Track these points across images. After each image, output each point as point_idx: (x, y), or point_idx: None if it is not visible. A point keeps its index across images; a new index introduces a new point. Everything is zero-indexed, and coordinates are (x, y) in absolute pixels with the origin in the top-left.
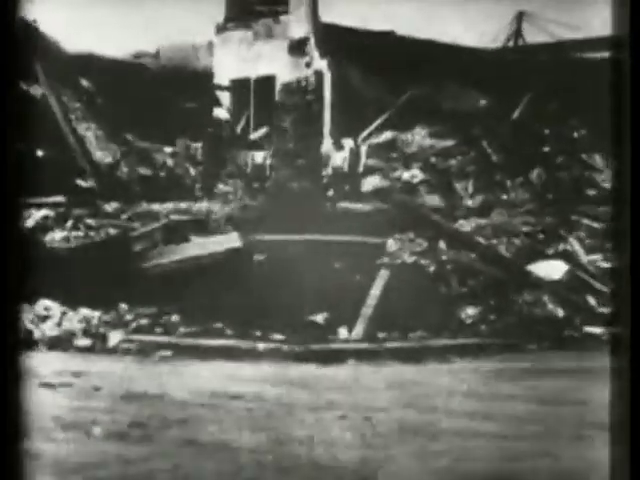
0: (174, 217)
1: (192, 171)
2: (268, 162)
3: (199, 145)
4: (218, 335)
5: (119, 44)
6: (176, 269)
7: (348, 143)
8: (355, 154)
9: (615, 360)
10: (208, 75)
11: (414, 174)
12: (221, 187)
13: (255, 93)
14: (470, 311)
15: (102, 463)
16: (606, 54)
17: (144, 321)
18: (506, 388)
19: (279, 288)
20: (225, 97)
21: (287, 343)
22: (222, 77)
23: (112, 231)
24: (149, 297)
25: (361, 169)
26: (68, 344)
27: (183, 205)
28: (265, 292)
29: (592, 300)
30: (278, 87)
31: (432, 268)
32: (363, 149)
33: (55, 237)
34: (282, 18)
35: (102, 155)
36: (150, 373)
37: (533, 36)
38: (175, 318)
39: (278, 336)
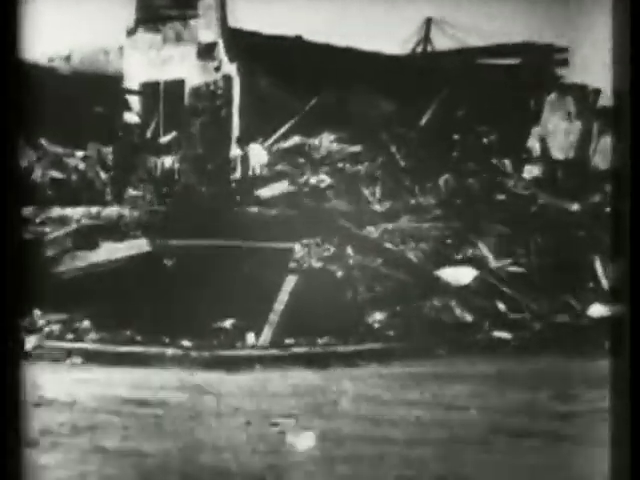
0: (85, 222)
1: (103, 175)
2: (177, 166)
3: (110, 149)
4: (128, 341)
5: (33, 47)
6: (86, 275)
7: (256, 148)
8: (263, 159)
9: (615, 365)
10: (119, 79)
11: (321, 179)
12: (131, 192)
13: (165, 97)
14: (377, 316)
15: None
16: (514, 60)
17: (56, 327)
18: (412, 394)
19: (187, 294)
20: (135, 101)
21: (195, 349)
22: (132, 81)
23: (26, 236)
24: (61, 303)
25: (269, 174)
26: None
27: (94, 210)
28: (174, 298)
29: (501, 305)
30: (187, 91)
31: (340, 273)
32: (271, 154)
33: None
34: (191, 22)
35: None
36: (61, 379)
37: (442, 42)
38: (86, 324)
39: (186, 342)
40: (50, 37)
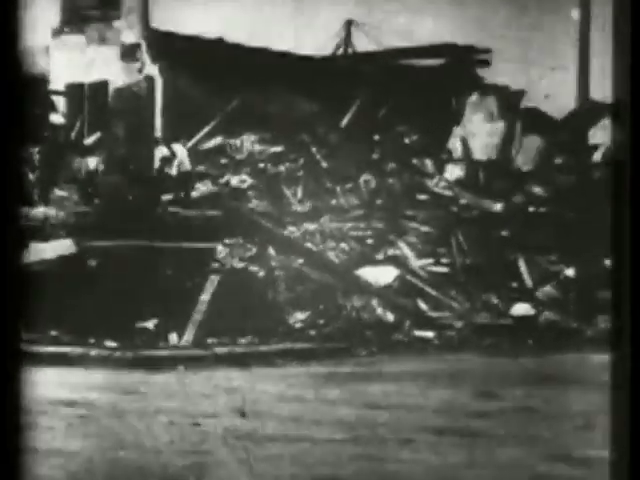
0: None
1: (30, 176)
2: (101, 168)
3: (37, 150)
4: (54, 342)
5: None
6: None
7: (179, 149)
8: (185, 160)
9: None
10: (44, 80)
11: (242, 179)
12: (57, 192)
13: (89, 98)
14: (299, 316)
15: None
16: (435, 61)
17: None
18: (334, 393)
19: (111, 294)
20: (60, 102)
21: (119, 350)
22: (58, 82)
23: None
24: None
25: (191, 175)
26: None
27: (22, 210)
28: (98, 298)
29: (423, 304)
30: (111, 92)
31: (261, 273)
32: (194, 155)
33: None
34: (114, 23)
35: None
36: None
37: (363, 44)
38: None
39: (110, 343)
40: None
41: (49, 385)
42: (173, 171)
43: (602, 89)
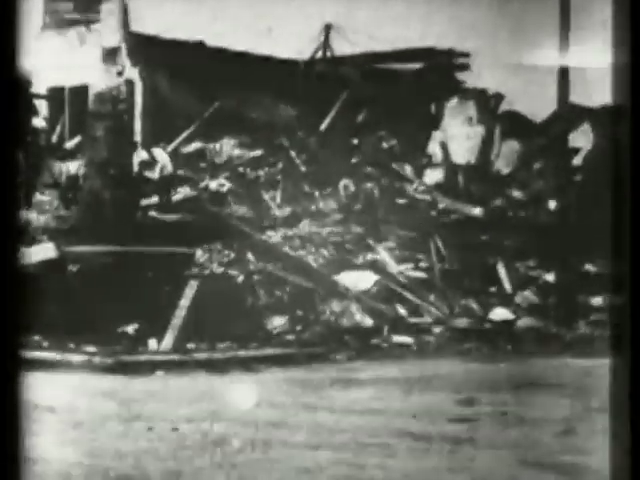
0: None
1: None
2: (81, 172)
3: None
4: (35, 347)
5: None
6: None
7: (159, 153)
8: (168, 164)
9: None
10: (27, 83)
11: (221, 183)
12: (38, 197)
13: (70, 102)
14: (277, 321)
15: None
16: (414, 65)
17: None
18: (312, 398)
19: (92, 299)
20: (42, 105)
21: (99, 355)
22: (39, 85)
23: None
24: None
25: (173, 179)
26: None
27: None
28: (79, 303)
29: (402, 309)
30: (91, 96)
31: (240, 278)
32: (173, 159)
33: None
34: (95, 27)
35: None
36: None
37: (342, 48)
38: None
39: (90, 348)
40: None
41: (28, 390)
42: (155, 175)
43: (582, 93)
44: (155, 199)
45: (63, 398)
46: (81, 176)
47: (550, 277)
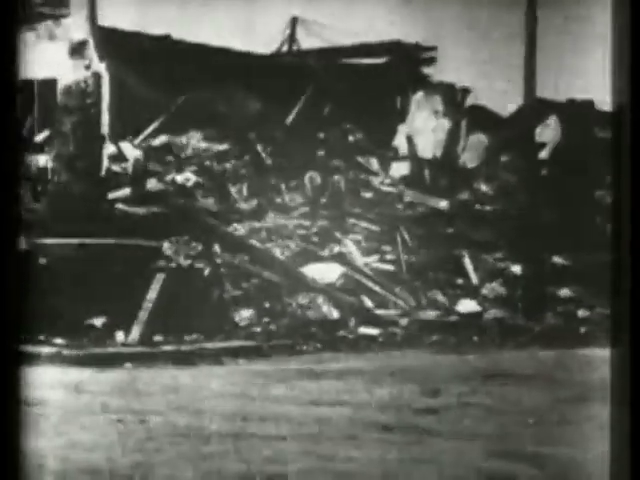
0: None
1: None
2: (50, 165)
3: None
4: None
5: None
6: None
7: (126, 146)
8: (133, 157)
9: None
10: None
11: (188, 177)
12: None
13: (39, 95)
14: (244, 314)
15: None
16: (380, 59)
17: None
18: (280, 390)
19: (60, 292)
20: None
21: (67, 347)
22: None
23: None
24: None
25: (144, 172)
26: None
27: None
28: (47, 296)
29: (368, 301)
30: (59, 89)
31: (207, 271)
32: (140, 152)
33: None
34: (63, 20)
35: None
36: None
37: (308, 41)
38: None
39: (59, 340)
40: None
41: None
42: (129, 169)
43: (548, 87)
44: (124, 192)
45: (33, 391)
46: (50, 169)
47: (517, 269)
